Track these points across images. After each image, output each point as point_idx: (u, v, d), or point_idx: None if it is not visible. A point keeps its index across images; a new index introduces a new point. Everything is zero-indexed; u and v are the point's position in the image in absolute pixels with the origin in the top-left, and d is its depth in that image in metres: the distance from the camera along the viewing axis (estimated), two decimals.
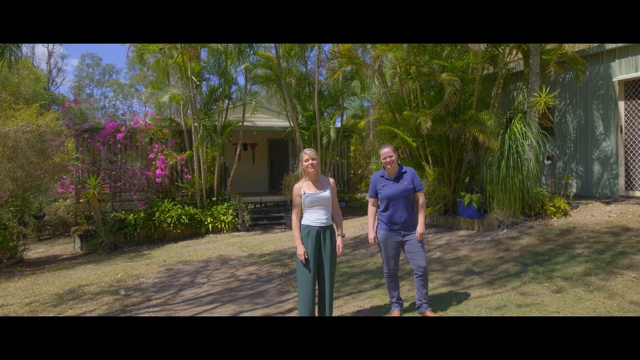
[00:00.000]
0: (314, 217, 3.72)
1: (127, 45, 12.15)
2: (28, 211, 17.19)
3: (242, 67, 11.48)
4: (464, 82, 7.45)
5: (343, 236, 3.80)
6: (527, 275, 4.64)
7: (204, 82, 12.07)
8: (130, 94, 43.99)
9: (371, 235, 3.99)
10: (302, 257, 3.63)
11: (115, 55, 58.66)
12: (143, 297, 5.49)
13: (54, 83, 38.97)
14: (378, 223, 4.02)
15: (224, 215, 11.32)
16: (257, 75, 12.43)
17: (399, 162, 4.00)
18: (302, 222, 3.78)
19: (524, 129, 6.60)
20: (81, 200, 10.69)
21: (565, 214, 6.81)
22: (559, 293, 4.01)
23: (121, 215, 10.82)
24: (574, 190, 8.18)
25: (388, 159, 3.85)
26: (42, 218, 13.77)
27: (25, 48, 35.05)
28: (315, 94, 11.60)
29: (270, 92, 13.28)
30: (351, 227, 9.85)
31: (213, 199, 11.81)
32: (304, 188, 3.74)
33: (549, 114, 7.25)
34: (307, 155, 3.69)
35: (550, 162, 8.61)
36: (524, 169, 6.61)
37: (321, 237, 3.72)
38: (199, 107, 11.45)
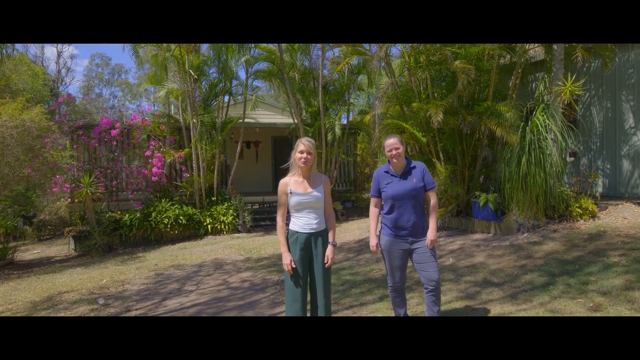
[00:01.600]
0: (302, 222, 3.14)
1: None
2: (34, 211, 16.93)
3: (243, 60, 10.92)
4: (479, 72, 6.79)
5: (334, 245, 3.21)
6: (557, 288, 4.00)
7: (204, 77, 11.56)
8: (139, 94, 43.95)
9: (373, 242, 3.39)
10: (288, 268, 3.05)
11: (125, 55, 58.84)
12: (122, 308, 4.97)
13: (63, 82, 39.08)
14: (381, 227, 3.43)
15: (223, 215, 10.80)
16: (259, 70, 11.87)
17: (407, 156, 3.38)
18: (289, 227, 3.20)
19: (547, 121, 5.93)
20: (76, 200, 10.26)
21: (593, 216, 6.12)
22: (597, 312, 3.37)
23: (117, 216, 10.36)
24: (600, 189, 7.46)
25: (394, 152, 3.24)
26: (32, 218, 13.41)
27: (34, 48, 35.12)
28: (320, 88, 11.01)
29: (278, 92, 12.73)
30: (356, 229, 9.25)
31: (213, 198, 11.30)
32: (291, 185, 3.16)
33: (575, 104, 6.55)
34: (304, 146, 3.08)
35: (573, 158, 7.90)
36: (546, 165, 5.95)
37: (312, 246, 3.14)
38: (198, 102, 10.94)
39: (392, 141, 3.26)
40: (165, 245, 9.94)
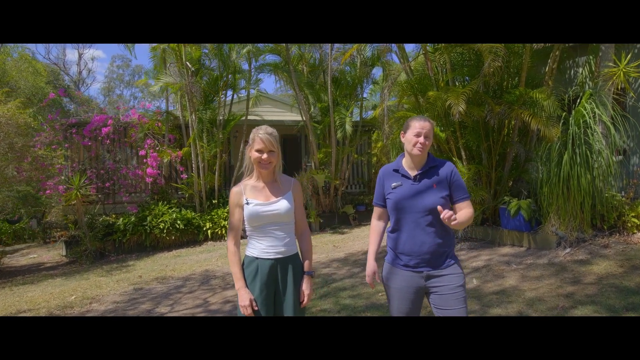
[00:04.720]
0: (266, 244, 2.22)
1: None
2: (47, 213, 16.63)
3: (245, 51, 10.07)
4: (509, 54, 5.72)
5: (312, 275, 2.29)
6: None
7: (205, 71, 10.79)
8: (158, 95, 44.08)
9: (370, 269, 2.40)
10: (248, 311, 2.13)
11: (145, 56, 59.38)
12: None
13: (84, 84, 39.51)
14: (387, 252, 2.44)
15: (225, 220, 9.98)
16: (264, 63, 11.03)
17: (429, 153, 2.29)
18: (247, 253, 2.29)
19: (596, 110, 4.81)
20: (66, 203, 9.64)
21: None
22: None
23: (111, 220, 9.70)
24: None
25: (422, 140, 2.13)
26: (16, 223, 13.02)
27: (57, 49, 35.51)
28: (329, 81, 10.06)
29: (294, 93, 11.88)
30: (366, 237, 8.25)
31: (214, 201, 10.51)
32: (247, 194, 2.24)
33: (629, 89, 5.40)
34: (262, 143, 2.14)
35: (621, 157, 6.69)
36: (595, 164, 4.84)
37: (279, 278, 2.22)
38: (198, 98, 10.16)
39: (424, 123, 2.16)
40: (161, 252, 9.20)
